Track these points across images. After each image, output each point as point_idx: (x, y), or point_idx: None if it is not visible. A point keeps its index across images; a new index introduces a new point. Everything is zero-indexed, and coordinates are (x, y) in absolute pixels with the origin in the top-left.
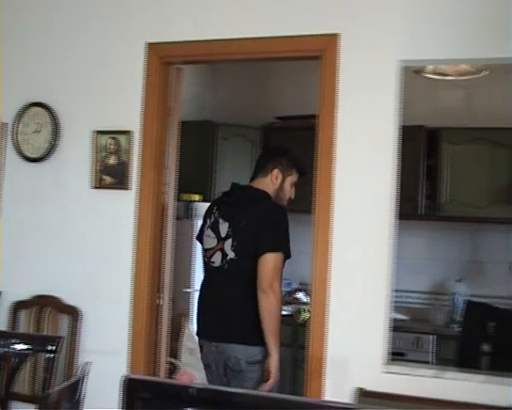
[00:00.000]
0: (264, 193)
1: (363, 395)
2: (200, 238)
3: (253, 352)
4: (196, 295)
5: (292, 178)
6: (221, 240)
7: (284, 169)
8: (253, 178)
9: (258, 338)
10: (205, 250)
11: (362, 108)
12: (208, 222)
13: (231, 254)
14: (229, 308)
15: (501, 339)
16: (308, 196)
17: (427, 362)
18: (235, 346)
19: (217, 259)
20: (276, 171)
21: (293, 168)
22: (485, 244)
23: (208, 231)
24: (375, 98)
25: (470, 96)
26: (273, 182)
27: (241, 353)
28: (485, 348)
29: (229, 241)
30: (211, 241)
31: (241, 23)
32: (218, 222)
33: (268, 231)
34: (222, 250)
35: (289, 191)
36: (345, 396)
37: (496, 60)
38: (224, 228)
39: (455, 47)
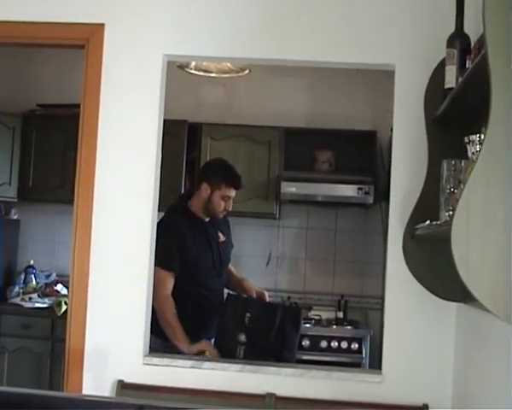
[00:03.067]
0: (174, 206)
1: (124, 387)
2: None
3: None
4: None
5: (221, 193)
6: None
7: (213, 183)
8: None
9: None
10: None
11: (126, 101)
12: None
13: None
14: None
15: (254, 329)
16: (68, 187)
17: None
18: None
19: None
20: (204, 185)
21: (221, 183)
22: (243, 238)
23: None
24: (140, 91)
25: (231, 93)
26: (202, 195)
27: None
28: (242, 338)
29: None
30: None
31: (2, 4)
32: None
33: None
34: None
35: (219, 204)
36: (105, 389)
37: (256, 60)
38: None
39: (217, 45)
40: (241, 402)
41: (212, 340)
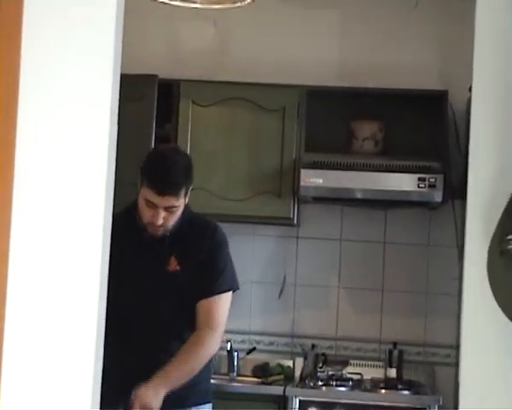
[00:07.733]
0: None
1: None
2: None
3: None
4: None
5: (143, 194)
6: None
7: (141, 178)
8: None
9: None
10: None
11: (62, 43)
12: None
13: None
14: None
15: None
16: None
17: None
18: None
19: None
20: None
21: (142, 179)
22: (243, 254)
23: None
24: (84, 30)
25: (225, 35)
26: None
27: None
28: None
29: None
30: None
31: None
32: None
33: None
34: None
35: (143, 210)
36: None
37: None
38: None
39: None
40: None
41: None
